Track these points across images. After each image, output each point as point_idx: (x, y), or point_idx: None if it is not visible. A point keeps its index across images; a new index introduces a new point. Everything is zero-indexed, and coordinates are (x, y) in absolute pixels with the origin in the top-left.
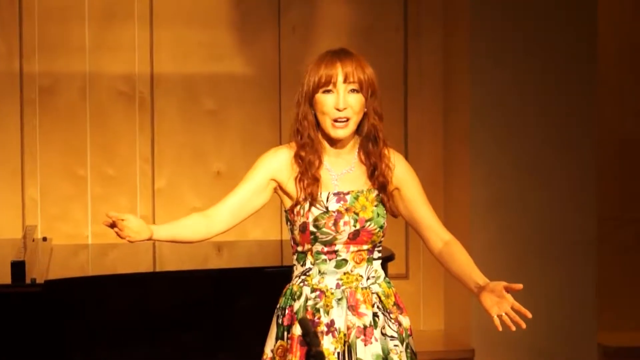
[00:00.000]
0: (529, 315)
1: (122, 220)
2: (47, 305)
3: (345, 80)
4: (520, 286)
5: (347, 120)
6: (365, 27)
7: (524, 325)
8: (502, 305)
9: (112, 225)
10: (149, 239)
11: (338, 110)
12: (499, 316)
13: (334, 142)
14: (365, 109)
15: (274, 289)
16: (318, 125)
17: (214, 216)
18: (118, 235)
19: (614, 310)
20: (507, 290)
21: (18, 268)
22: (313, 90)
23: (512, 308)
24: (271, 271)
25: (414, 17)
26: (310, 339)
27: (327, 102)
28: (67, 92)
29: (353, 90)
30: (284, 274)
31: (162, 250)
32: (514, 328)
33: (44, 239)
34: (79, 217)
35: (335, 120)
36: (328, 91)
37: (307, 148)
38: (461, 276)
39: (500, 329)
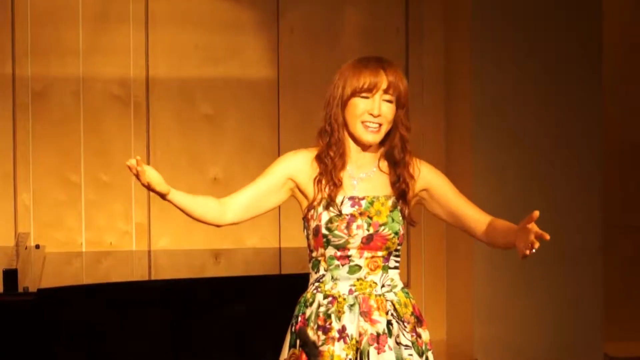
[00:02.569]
0: (547, 236)
1: (142, 169)
2: (39, 315)
3: (386, 90)
4: (536, 213)
5: (379, 126)
6: (366, 28)
7: (536, 245)
8: (527, 239)
9: (132, 168)
10: (164, 195)
11: (372, 115)
12: (524, 255)
13: (359, 148)
14: (394, 119)
15: (289, 297)
16: (346, 129)
17: (228, 205)
18: (137, 178)
19: (620, 320)
20: (529, 222)
21: (10, 276)
22: (351, 94)
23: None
24: (283, 278)
25: (416, 19)
26: (309, 349)
27: (361, 106)
28: (60, 96)
29: (388, 101)
30: (300, 282)
31: (158, 259)
32: (527, 252)
33: (37, 246)
34: (73, 224)
35: (365, 124)
36: (365, 97)
37: (334, 148)
38: (506, 239)
39: (528, 252)
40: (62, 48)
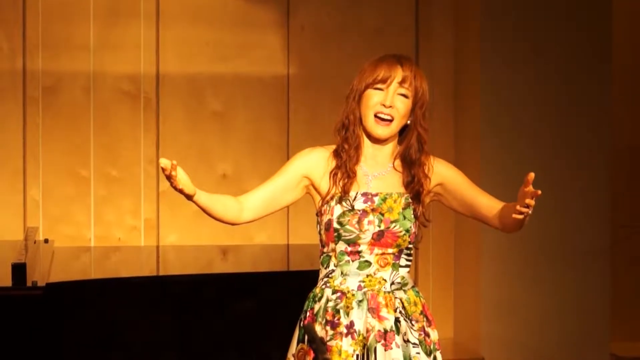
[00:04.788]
0: (538, 192)
1: (177, 174)
2: (48, 309)
3: (401, 83)
4: (531, 175)
5: (391, 120)
6: (376, 28)
7: (531, 203)
8: (523, 201)
9: (166, 170)
10: (191, 197)
11: (384, 106)
12: (519, 212)
13: (374, 143)
14: (412, 119)
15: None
16: (361, 123)
17: (246, 204)
18: (169, 180)
19: (628, 320)
20: (526, 187)
21: (19, 271)
22: (366, 86)
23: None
24: (290, 275)
25: (425, 18)
26: (317, 345)
27: (374, 97)
28: (70, 91)
29: (403, 95)
30: (308, 279)
31: (166, 254)
32: (518, 208)
33: (46, 240)
34: (82, 219)
35: (377, 116)
36: (379, 89)
37: (350, 141)
38: (509, 217)
39: (519, 207)
40: (72, 43)
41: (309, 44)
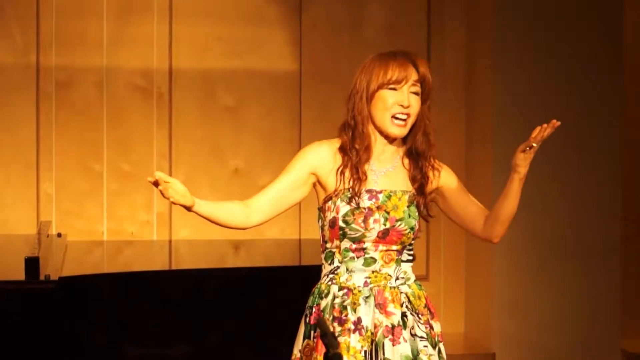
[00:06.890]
0: (557, 122)
1: (167, 182)
2: (60, 303)
3: (415, 82)
4: (530, 140)
5: (407, 119)
6: (388, 24)
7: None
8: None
9: (156, 183)
10: (190, 207)
11: (402, 106)
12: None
13: (383, 141)
14: (419, 114)
15: (303, 288)
16: (370, 122)
17: (253, 206)
18: (161, 193)
19: (638, 316)
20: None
21: (32, 264)
22: (379, 87)
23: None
24: (300, 270)
25: (437, 14)
26: (328, 340)
27: (390, 98)
28: (83, 86)
29: (415, 93)
30: (320, 273)
31: (178, 249)
32: (534, 144)
33: (59, 234)
34: (94, 213)
35: (394, 117)
36: (393, 89)
37: (359, 141)
38: (505, 200)
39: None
40: (86, 39)
41: (321, 40)
